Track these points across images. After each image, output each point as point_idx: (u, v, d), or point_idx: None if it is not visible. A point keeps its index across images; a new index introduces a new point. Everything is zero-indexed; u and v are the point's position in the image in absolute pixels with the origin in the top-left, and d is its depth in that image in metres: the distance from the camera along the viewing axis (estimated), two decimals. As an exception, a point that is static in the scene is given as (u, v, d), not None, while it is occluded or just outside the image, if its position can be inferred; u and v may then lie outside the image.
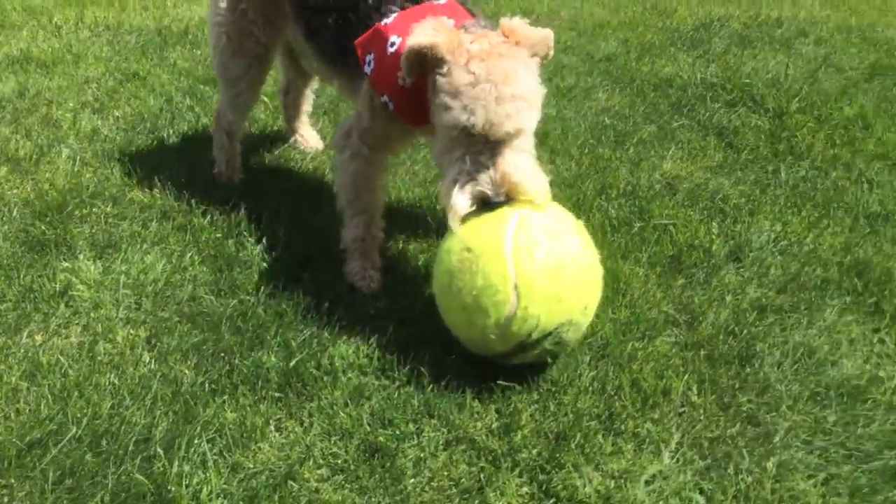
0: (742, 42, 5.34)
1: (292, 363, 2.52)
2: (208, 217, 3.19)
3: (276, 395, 2.44)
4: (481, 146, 2.40)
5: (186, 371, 2.50)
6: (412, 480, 2.20)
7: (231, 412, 2.37)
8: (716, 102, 4.39)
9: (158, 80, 4.34)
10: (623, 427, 2.38)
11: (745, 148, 3.97)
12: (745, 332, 2.75)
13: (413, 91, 2.60)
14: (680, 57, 5.03)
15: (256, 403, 2.41)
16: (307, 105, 3.83)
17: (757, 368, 2.60)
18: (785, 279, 3.02)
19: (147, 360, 2.54)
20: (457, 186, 2.41)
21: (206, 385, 2.45)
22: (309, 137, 3.83)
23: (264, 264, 2.94)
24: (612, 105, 4.36)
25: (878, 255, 3.13)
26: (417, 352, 2.57)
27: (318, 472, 2.23)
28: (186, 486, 2.12)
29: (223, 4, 3.20)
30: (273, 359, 2.53)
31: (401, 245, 3.11)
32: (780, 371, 2.58)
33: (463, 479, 2.22)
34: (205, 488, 2.12)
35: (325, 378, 2.49)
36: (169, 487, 2.11)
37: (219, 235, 3.08)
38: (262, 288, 2.82)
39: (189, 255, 2.99)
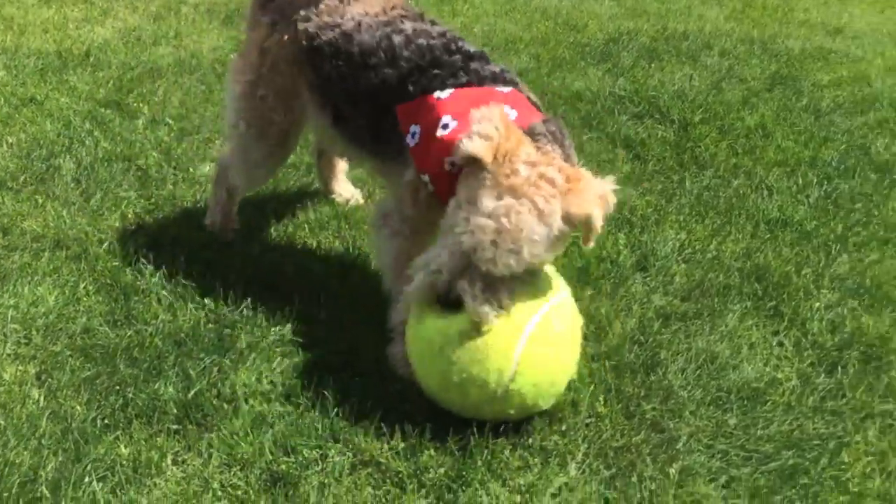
0: (650, 55, 5.46)
1: (191, 393, 2.44)
2: (105, 245, 3.08)
3: (174, 427, 2.36)
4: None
5: (78, 407, 2.39)
6: (314, 508, 2.15)
7: (125, 447, 2.27)
8: (624, 115, 4.47)
9: (56, 104, 4.20)
10: (530, 441, 2.37)
11: (652, 159, 4.05)
12: (650, 340, 2.78)
13: (456, 179, 2.41)
14: (590, 71, 5.11)
15: (152, 437, 2.33)
16: (343, 163, 3.56)
17: (661, 376, 2.63)
18: (689, 286, 3.08)
19: (36, 398, 2.42)
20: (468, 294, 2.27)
21: (99, 421, 2.35)
22: (345, 191, 3.58)
23: (163, 292, 2.85)
24: (523, 119, 4.39)
25: (777, 260, 3.22)
26: (322, 376, 2.52)
27: (218, 504, 2.16)
28: (74, 529, 2.03)
29: (238, 89, 2.99)
30: (171, 390, 2.45)
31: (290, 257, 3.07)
32: (683, 377, 2.62)
33: (368, 503, 2.18)
34: (94, 529, 2.03)
35: (225, 407, 2.42)
36: (55, 531, 2.02)
37: (116, 263, 2.97)
38: (161, 316, 2.74)
39: (83, 285, 2.87)
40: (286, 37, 2.87)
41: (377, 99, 2.69)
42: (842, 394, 2.60)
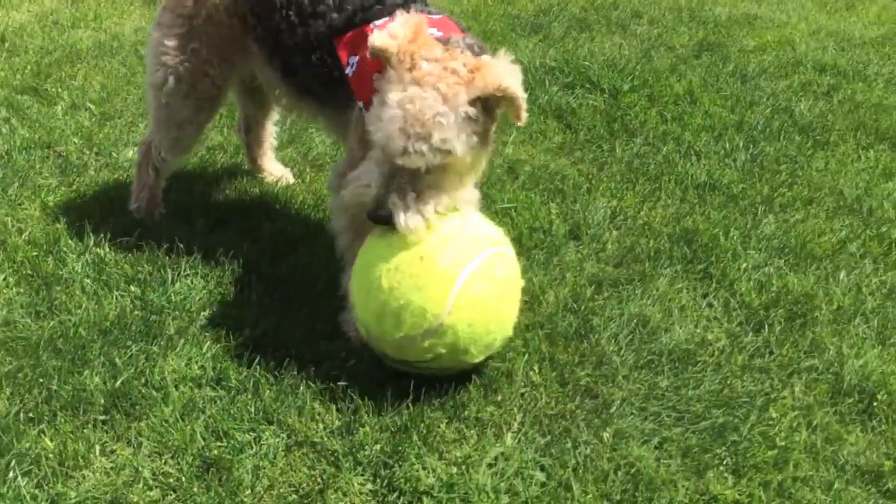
0: (580, 26, 5.48)
1: (118, 382, 2.38)
2: (25, 234, 2.98)
3: (102, 418, 2.30)
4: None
5: (0, 402, 2.32)
6: (248, 492, 2.12)
7: (50, 441, 2.21)
8: (555, 86, 4.48)
9: (-29, 91, 4.04)
10: (466, 413, 2.37)
11: (583, 128, 4.07)
12: (583, 307, 2.81)
13: None
14: (521, 43, 5.10)
15: (79, 429, 2.27)
16: (271, 139, 3.50)
17: (594, 342, 2.65)
18: (621, 253, 3.11)
19: (-45, 396, 2.34)
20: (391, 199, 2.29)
21: (22, 415, 2.28)
22: (275, 170, 3.52)
23: (87, 280, 2.77)
24: (455, 93, 4.37)
25: (705, 223, 3.27)
26: (254, 357, 2.48)
27: (149, 493, 2.11)
28: (-2, 527, 1.97)
29: (170, 43, 2.88)
30: (97, 380, 2.39)
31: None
32: (615, 343, 2.65)
33: (304, 484, 2.16)
34: (20, 526, 1.98)
35: (154, 394, 2.37)
36: (-22, 530, 1.96)
37: (36, 253, 2.88)
38: (85, 305, 2.66)
39: (3, 276, 2.78)
40: None
41: (327, 46, 2.68)
42: (769, 351, 2.66)
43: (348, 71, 2.59)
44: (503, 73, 2.30)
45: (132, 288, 2.76)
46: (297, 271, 2.89)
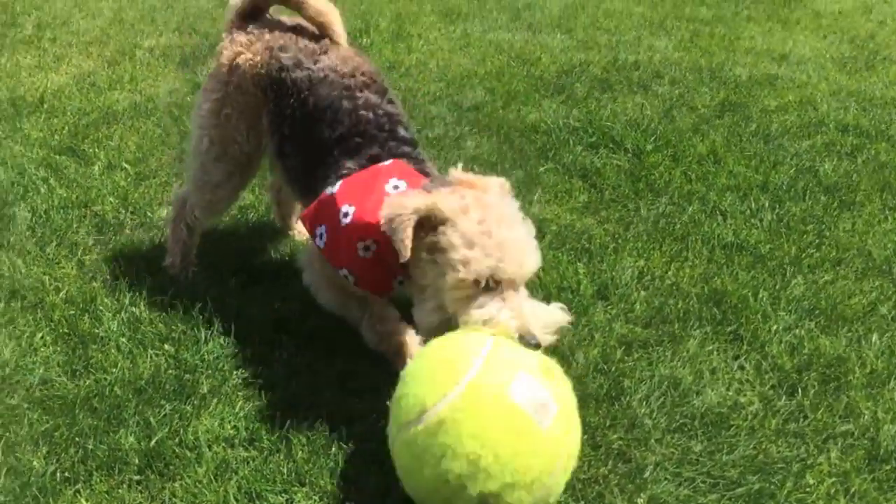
0: (602, 86, 5.56)
1: (153, 442, 2.40)
2: (62, 293, 3.03)
3: (136, 478, 2.32)
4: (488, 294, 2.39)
5: (36, 461, 2.34)
6: (282, 555, 2.12)
7: (86, 501, 2.22)
8: (579, 145, 4.53)
9: (10, 152, 4.15)
10: (498, 476, 2.36)
11: (608, 188, 4.11)
12: (613, 368, 2.80)
13: (375, 262, 2.58)
14: (544, 103, 5.19)
15: (114, 489, 2.28)
16: None
17: (626, 404, 2.64)
18: (650, 314, 3.11)
19: (-8, 454, 2.36)
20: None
21: (59, 474, 2.30)
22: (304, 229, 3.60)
23: (122, 339, 2.81)
24: (481, 153, 4.44)
25: (733, 284, 3.27)
26: (286, 418, 2.50)
27: (183, 556, 2.12)
28: (34, 589, 1.97)
29: (206, 106, 3.01)
30: (132, 439, 2.41)
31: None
32: (647, 405, 2.64)
33: (336, 548, 2.15)
34: (55, 588, 1.98)
35: (188, 454, 2.38)
36: (14, 592, 1.96)
37: (73, 312, 2.93)
38: (120, 364, 2.69)
39: (40, 335, 2.83)
40: (258, 58, 2.93)
41: (312, 151, 2.81)
42: (803, 416, 2.64)
43: (318, 244, 2.68)
44: (485, 178, 2.57)
45: (166, 346, 2.79)
46: (326, 330, 2.91)
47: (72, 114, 4.68)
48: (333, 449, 2.40)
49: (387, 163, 2.69)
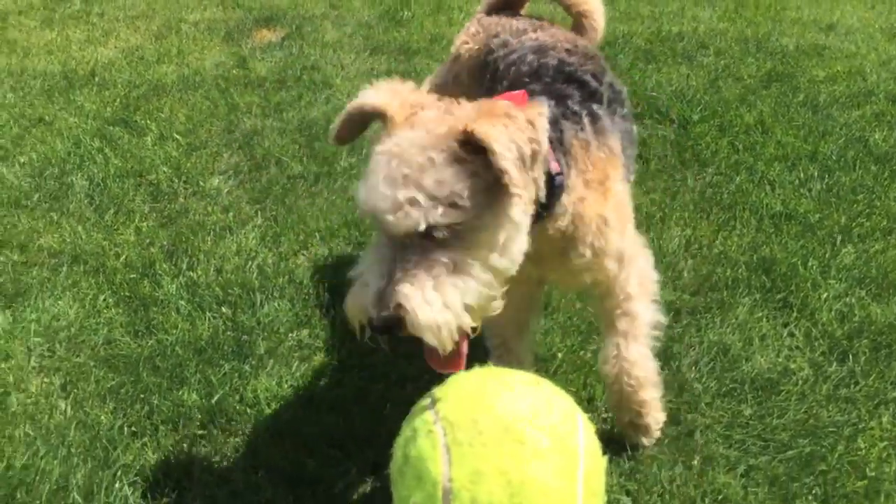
0: (646, 57, 5.51)
1: (214, 399, 2.48)
2: (122, 258, 3.12)
3: (200, 432, 2.40)
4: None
5: (104, 416, 2.43)
6: (342, 507, 2.19)
7: (153, 454, 2.31)
8: (624, 116, 4.51)
9: (65, 123, 4.25)
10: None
11: (654, 158, 4.09)
12: (662, 334, 2.82)
13: None
14: (588, 74, 5.17)
15: (179, 443, 2.37)
16: None
17: (675, 369, 2.67)
18: (698, 281, 3.12)
19: (62, 408, 2.46)
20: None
21: (126, 428, 2.39)
22: None
23: (181, 302, 2.89)
24: (525, 124, 4.44)
25: (782, 252, 3.26)
26: (340, 379, 2.56)
27: (246, 507, 2.19)
28: (108, 534, 2.06)
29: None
30: (194, 396, 2.49)
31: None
32: (696, 370, 2.66)
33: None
34: (127, 534, 2.07)
35: (249, 411, 2.46)
36: (89, 537, 2.05)
37: (133, 276, 3.02)
38: (180, 325, 2.78)
39: (103, 297, 2.92)
40: (477, 47, 2.80)
41: None
42: (854, 381, 2.64)
43: None
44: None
45: (223, 309, 2.87)
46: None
47: (122, 86, 4.78)
48: (386, 410, 2.46)
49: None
